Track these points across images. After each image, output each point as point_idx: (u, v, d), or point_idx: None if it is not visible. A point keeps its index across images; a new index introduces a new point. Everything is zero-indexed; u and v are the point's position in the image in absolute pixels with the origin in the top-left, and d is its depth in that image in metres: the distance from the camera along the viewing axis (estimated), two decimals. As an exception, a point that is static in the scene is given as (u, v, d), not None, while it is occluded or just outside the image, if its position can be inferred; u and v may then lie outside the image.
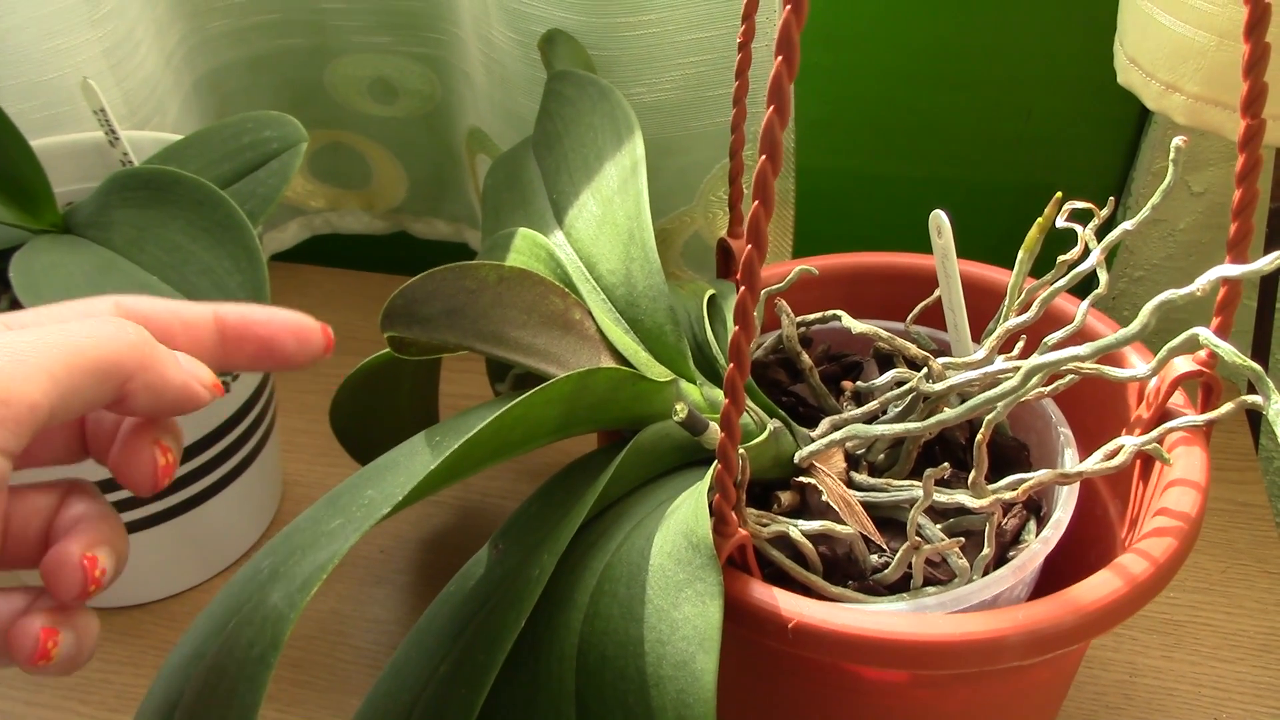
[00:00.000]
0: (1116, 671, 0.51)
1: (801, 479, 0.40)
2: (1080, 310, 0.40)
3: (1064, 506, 0.38)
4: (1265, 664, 0.51)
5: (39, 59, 0.57)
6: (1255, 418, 0.64)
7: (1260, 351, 0.64)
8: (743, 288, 0.28)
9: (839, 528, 0.37)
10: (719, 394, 0.41)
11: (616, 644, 0.32)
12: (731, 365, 0.29)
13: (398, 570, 0.58)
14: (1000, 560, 0.38)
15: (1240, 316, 0.65)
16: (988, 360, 0.40)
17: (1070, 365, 0.34)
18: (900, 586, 0.37)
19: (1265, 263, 0.30)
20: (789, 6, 0.25)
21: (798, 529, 0.37)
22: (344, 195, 0.78)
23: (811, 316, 0.46)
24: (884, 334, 0.44)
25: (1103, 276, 0.40)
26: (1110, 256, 0.40)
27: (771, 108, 0.26)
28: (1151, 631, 0.53)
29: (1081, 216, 0.41)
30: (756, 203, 0.27)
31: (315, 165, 0.76)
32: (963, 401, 0.40)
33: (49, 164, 0.51)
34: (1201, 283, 0.30)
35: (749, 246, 0.28)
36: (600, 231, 0.43)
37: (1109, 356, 0.42)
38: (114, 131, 0.55)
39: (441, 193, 0.76)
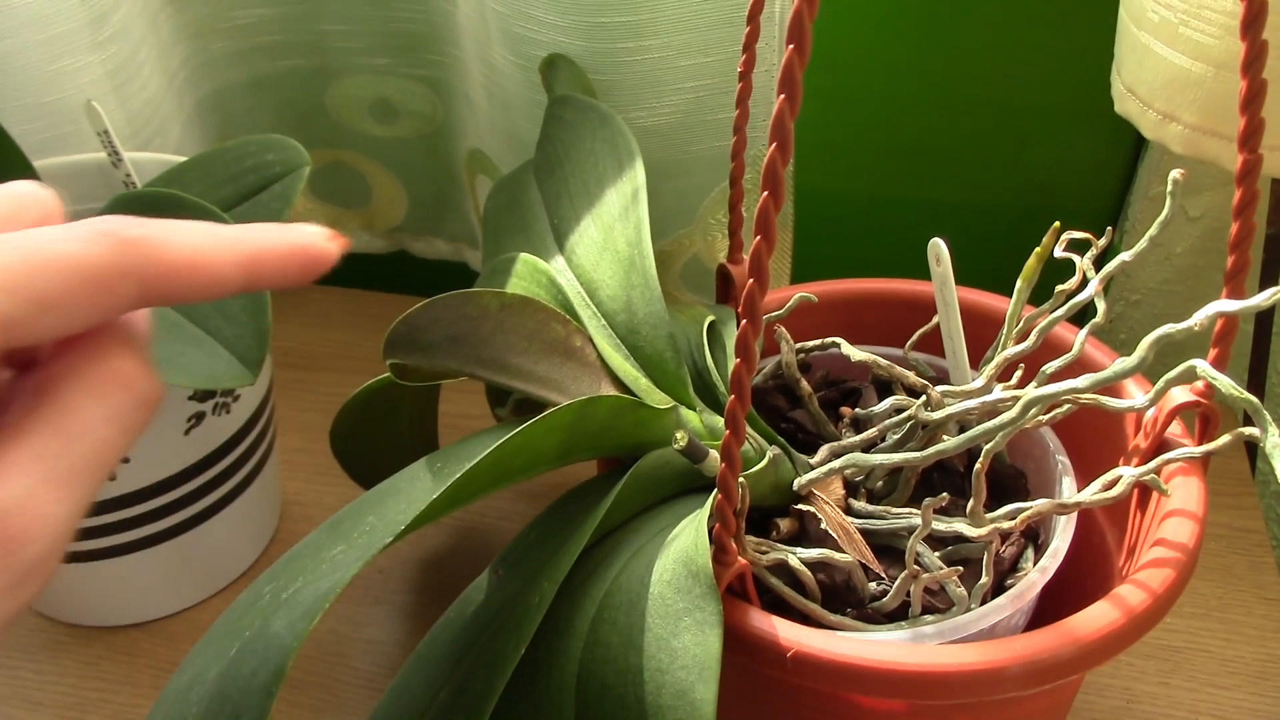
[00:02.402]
0: (1113, 698, 0.51)
1: (800, 506, 0.40)
2: (1078, 339, 0.40)
3: (1062, 535, 0.38)
4: (1262, 691, 0.51)
5: (43, 81, 0.58)
6: (1253, 443, 0.64)
7: (1256, 379, 0.64)
8: (744, 321, 0.28)
9: (838, 556, 0.37)
10: (719, 420, 0.41)
11: (616, 672, 0.32)
12: (733, 397, 0.30)
13: (396, 591, 0.58)
14: (998, 589, 0.38)
15: (1236, 342, 0.65)
16: (986, 389, 0.40)
17: (1069, 396, 0.35)
18: (899, 614, 0.38)
19: (1262, 299, 0.30)
20: (792, 46, 0.25)
21: (796, 557, 0.37)
22: (344, 214, 0.78)
23: (810, 343, 0.46)
24: (883, 362, 0.44)
25: (1100, 306, 0.40)
26: (1107, 281, 0.40)
27: (774, 144, 0.26)
28: (1148, 658, 0.53)
29: (1079, 246, 0.41)
30: (758, 237, 0.27)
31: (316, 184, 0.76)
32: (961, 429, 0.40)
33: (52, 185, 0.51)
34: (1200, 318, 0.30)
35: (751, 280, 0.28)
36: (601, 258, 0.44)
37: (1107, 386, 0.42)
38: (117, 153, 0.55)
39: (441, 213, 0.76)
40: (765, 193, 0.27)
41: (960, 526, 0.37)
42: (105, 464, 0.24)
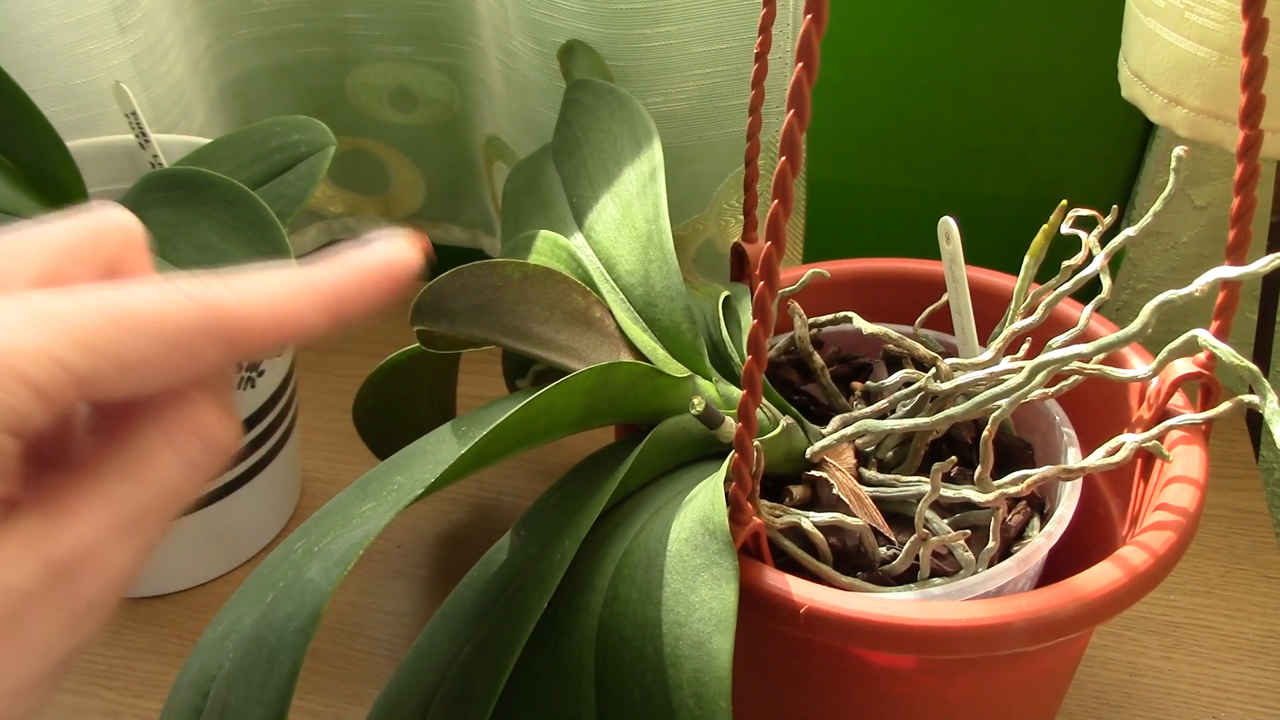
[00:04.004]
0: (1117, 671, 0.52)
1: (813, 473, 0.41)
2: (1084, 314, 0.41)
3: (1067, 502, 0.39)
4: (1263, 665, 0.52)
5: (70, 64, 0.59)
6: (1255, 427, 0.65)
7: (1260, 361, 0.65)
8: (761, 283, 0.30)
9: (849, 520, 0.38)
10: (734, 391, 0.42)
11: (635, 626, 0.33)
12: (750, 358, 0.31)
13: (414, 565, 0.59)
14: (1005, 555, 0.39)
15: (1242, 330, 0.66)
16: (994, 361, 0.41)
17: (1074, 365, 0.36)
18: (908, 578, 0.39)
19: (1262, 264, 0.31)
20: (810, 16, 0.26)
21: (809, 520, 0.38)
22: (363, 201, 0.79)
23: (823, 318, 0.47)
24: (894, 335, 0.45)
25: (1106, 282, 0.41)
26: (1114, 269, 0.41)
27: (792, 111, 0.27)
28: (1152, 633, 0.54)
29: (1086, 224, 0.42)
30: (776, 202, 0.28)
31: (335, 171, 0.77)
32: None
33: (81, 165, 0.52)
34: (1200, 283, 0.31)
35: (768, 244, 0.29)
36: (619, 234, 0.45)
37: (1111, 359, 0.43)
38: (145, 134, 0.56)
39: (458, 200, 0.78)
40: (783, 157, 0.28)
41: (968, 493, 0.38)
42: (172, 511, 0.24)
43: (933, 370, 0.42)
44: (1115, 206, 0.43)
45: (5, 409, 0.21)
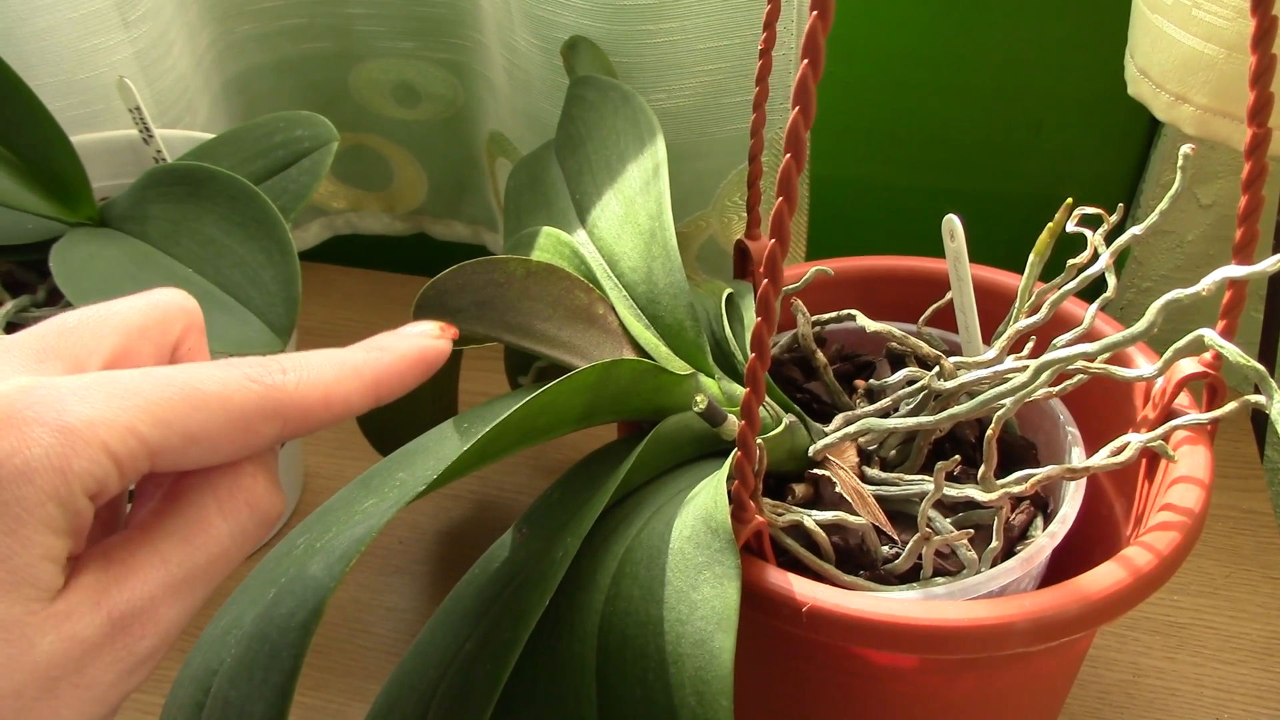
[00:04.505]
0: (1120, 671, 0.52)
1: (816, 472, 0.41)
2: (1089, 313, 0.41)
3: (1071, 502, 0.39)
4: (1267, 666, 0.52)
5: (74, 59, 0.59)
6: (1260, 427, 0.65)
7: (1266, 361, 0.65)
8: (765, 280, 0.29)
9: (852, 518, 0.38)
10: (737, 388, 0.42)
11: (637, 624, 0.33)
12: (753, 355, 0.31)
13: (415, 561, 0.59)
14: (1008, 555, 0.39)
15: (1248, 329, 0.66)
16: (998, 359, 0.41)
17: (1078, 364, 0.35)
18: (910, 577, 0.39)
19: (1269, 264, 0.31)
20: (816, 12, 0.26)
21: (811, 518, 0.38)
22: (365, 197, 0.79)
23: (826, 316, 0.47)
24: (897, 333, 0.45)
25: (1111, 281, 0.41)
26: (1119, 267, 0.41)
27: (797, 108, 0.27)
28: (1155, 633, 0.54)
29: (1091, 222, 0.42)
30: (780, 199, 0.28)
31: (338, 167, 0.77)
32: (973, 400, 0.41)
33: (85, 160, 0.52)
34: (1207, 283, 0.31)
35: (772, 241, 0.29)
36: (623, 230, 0.45)
37: (1116, 358, 0.43)
38: (148, 129, 0.56)
39: (461, 196, 0.78)
40: (788, 154, 0.28)
41: (971, 492, 0.38)
42: (220, 574, 0.26)
43: (936, 369, 0.42)
44: (1120, 205, 0.43)
45: (88, 476, 0.23)
